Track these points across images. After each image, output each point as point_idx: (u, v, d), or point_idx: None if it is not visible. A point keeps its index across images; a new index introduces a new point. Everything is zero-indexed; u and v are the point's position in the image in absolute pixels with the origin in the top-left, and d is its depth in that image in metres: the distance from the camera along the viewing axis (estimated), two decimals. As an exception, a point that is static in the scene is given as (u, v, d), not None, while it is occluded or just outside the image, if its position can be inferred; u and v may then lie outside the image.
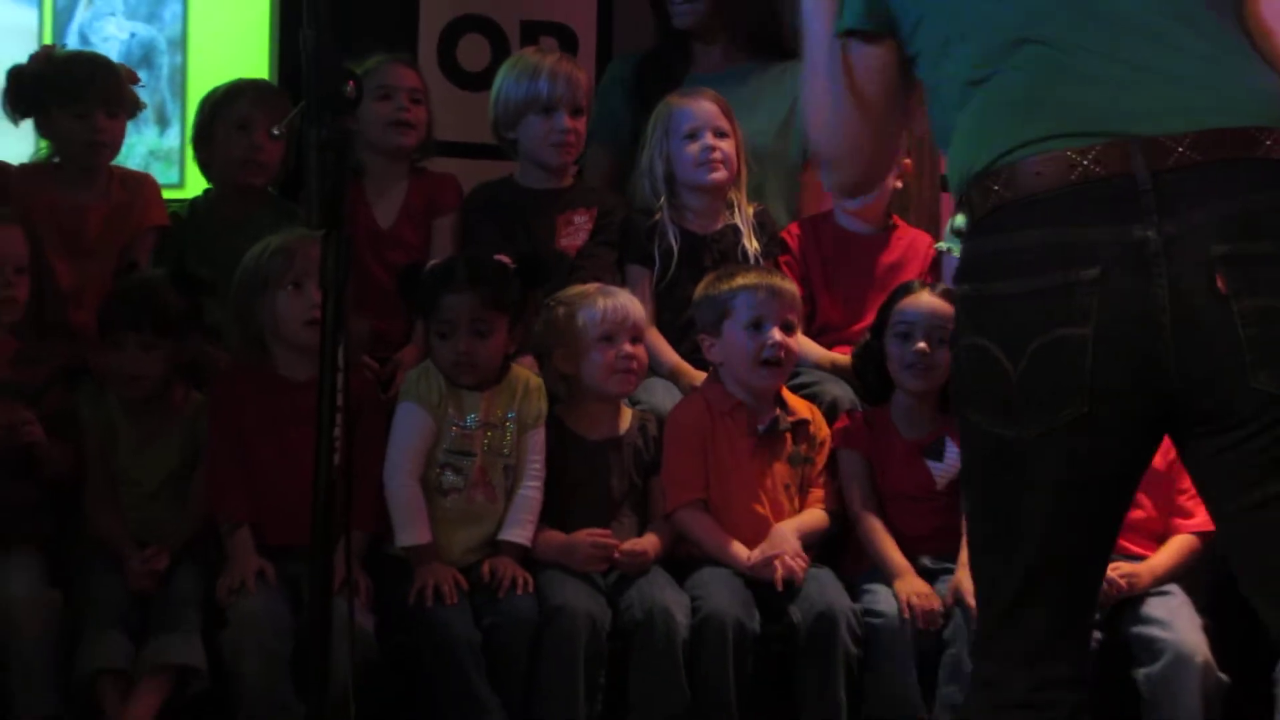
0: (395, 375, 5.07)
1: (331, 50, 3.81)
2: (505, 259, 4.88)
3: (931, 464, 5.05)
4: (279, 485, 4.57)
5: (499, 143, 5.43)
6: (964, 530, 4.79)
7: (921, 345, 4.98)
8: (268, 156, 5.26)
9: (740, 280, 5.01)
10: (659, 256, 5.29)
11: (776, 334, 4.95)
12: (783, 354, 4.96)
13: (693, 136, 5.32)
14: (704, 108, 5.35)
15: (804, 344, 5.22)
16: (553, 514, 4.85)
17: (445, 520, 4.78)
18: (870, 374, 5.11)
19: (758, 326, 4.95)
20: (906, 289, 5.10)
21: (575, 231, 5.32)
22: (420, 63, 5.83)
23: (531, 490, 4.84)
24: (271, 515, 4.63)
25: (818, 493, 5.02)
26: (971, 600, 4.65)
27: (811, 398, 5.15)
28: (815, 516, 4.99)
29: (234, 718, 4.42)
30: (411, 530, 4.72)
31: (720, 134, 5.34)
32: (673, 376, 5.21)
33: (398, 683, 4.58)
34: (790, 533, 4.89)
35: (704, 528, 4.89)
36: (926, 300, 5.04)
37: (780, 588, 4.77)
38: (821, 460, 5.04)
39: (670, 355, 5.23)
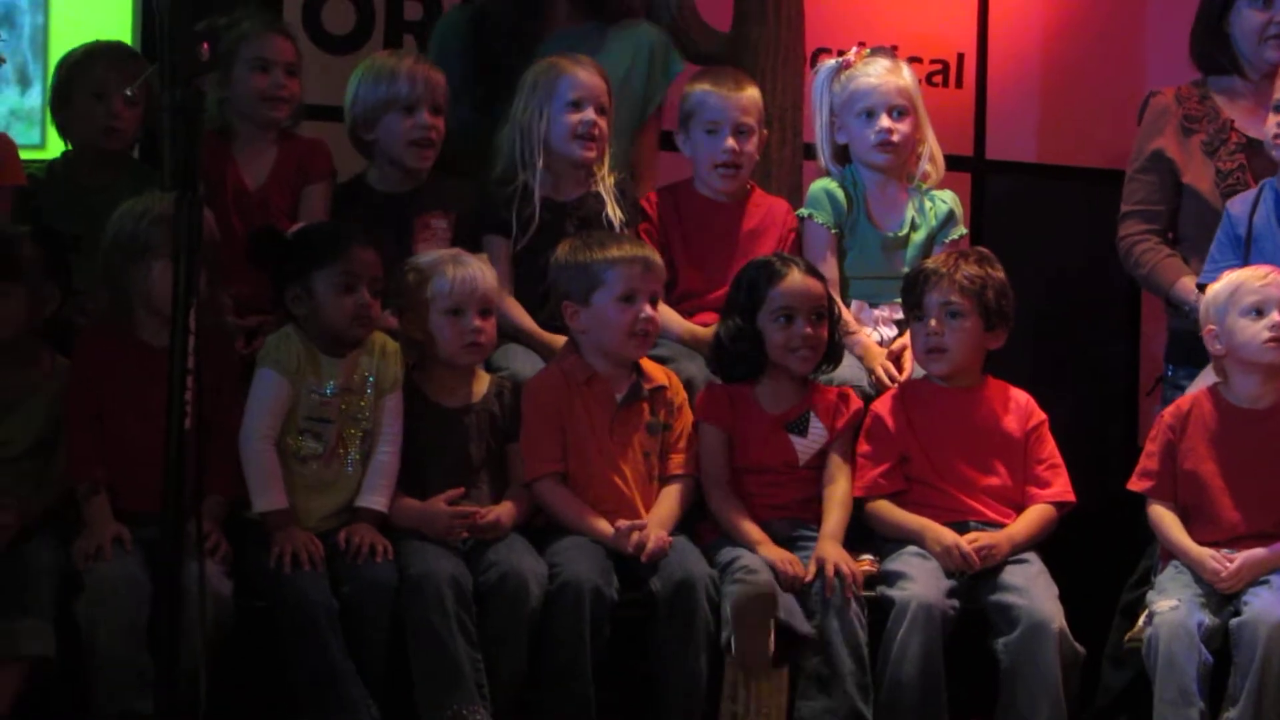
0: (258, 338, 5.02)
1: (186, 13, 3.77)
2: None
3: (795, 439, 5.06)
4: (138, 450, 4.53)
5: (355, 146, 5.38)
6: (825, 501, 4.93)
7: (808, 329, 5.00)
8: (125, 123, 5.24)
9: (615, 252, 4.99)
10: (518, 223, 5.25)
11: (647, 308, 4.95)
12: (651, 327, 4.97)
13: (576, 106, 5.28)
14: (593, 81, 5.31)
15: (665, 314, 5.20)
16: (409, 480, 4.84)
17: (303, 487, 4.77)
18: (745, 355, 5.04)
19: (630, 300, 4.94)
20: (771, 270, 5.06)
21: (433, 236, 5.27)
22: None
23: (388, 455, 4.83)
24: (131, 480, 4.60)
25: (678, 458, 5.02)
26: (830, 570, 4.75)
27: (667, 377, 5.17)
28: (675, 500, 4.97)
29: (89, 686, 4.40)
30: (267, 495, 4.71)
31: (601, 110, 5.31)
32: (530, 342, 5.18)
33: (256, 648, 4.56)
34: (657, 524, 4.88)
35: (562, 500, 4.89)
36: (801, 280, 5.04)
37: (644, 558, 4.78)
38: (680, 425, 5.04)
39: (527, 322, 5.20)
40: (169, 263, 4.55)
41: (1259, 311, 4.97)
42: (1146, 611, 4.91)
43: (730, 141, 5.39)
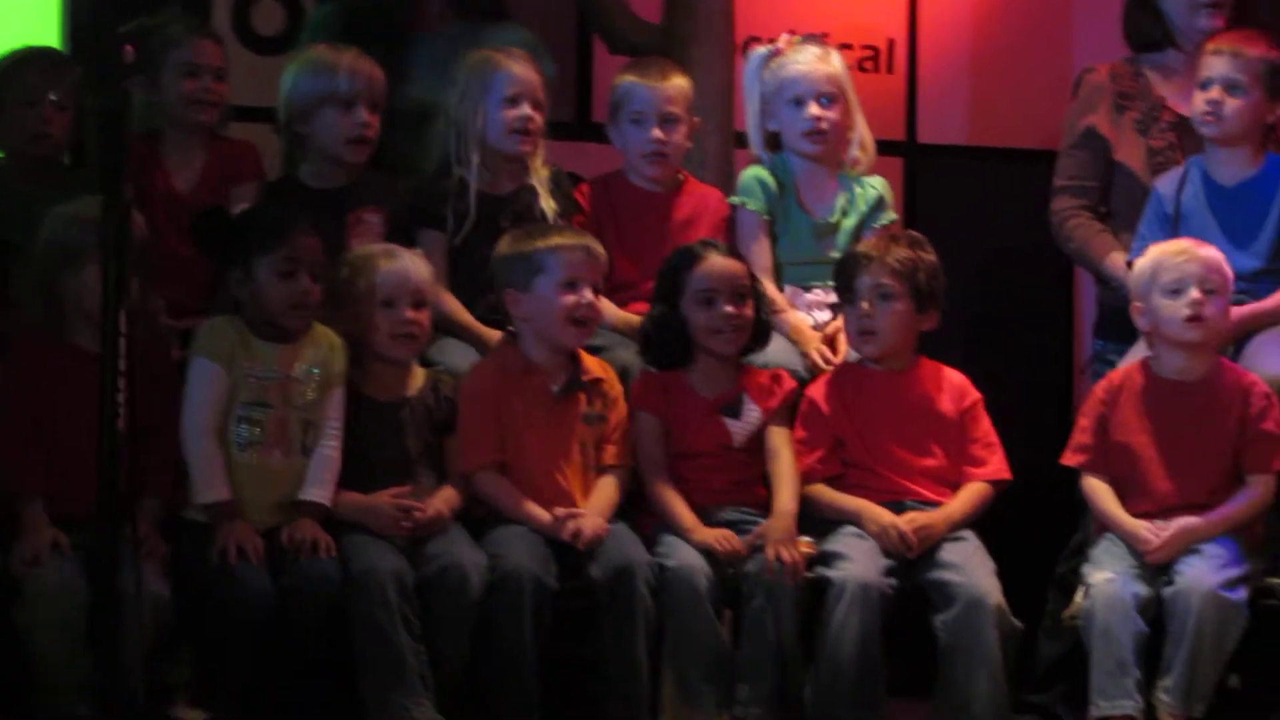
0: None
1: (108, 16, 3.78)
2: None
3: (729, 421, 5.09)
4: (75, 456, 4.52)
5: (286, 139, 5.38)
6: (772, 478, 4.95)
7: (729, 309, 5.02)
8: (55, 129, 5.24)
9: (556, 239, 5.02)
10: (454, 218, 5.27)
11: (588, 294, 4.97)
12: (592, 314, 4.99)
13: (512, 102, 5.30)
14: (529, 75, 5.34)
15: (600, 304, 5.21)
16: (350, 476, 4.85)
17: (244, 477, 4.77)
18: (671, 341, 5.09)
19: (571, 285, 4.96)
20: (693, 254, 5.10)
21: (366, 230, 5.27)
22: (214, 27, 5.79)
23: (331, 450, 4.84)
24: (68, 486, 4.61)
25: (613, 449, 5.03)
26: (771, 554, 4.77)
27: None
28: (612, 489, 5.00)
29: (30, 691, 4.42)
30: (211, 488, 4.72)
31: (537, 105, 5.33)
32: (466, 336, 5.19)
33: (196, 647, 4.59)
34: (595, 513, 4.91)
35: (500, 490, 4.91)
36: (722, 263, 5.08)
37: (580, 545, 4.81)
38: (615, 417, 5.06)
39: (463, 315, 5.21)
40: (100, 268, 4.60)
41: (1178, 290, 5.01)
42: (1083, 585, 4.95)
43: (656, 131, 5.41)
